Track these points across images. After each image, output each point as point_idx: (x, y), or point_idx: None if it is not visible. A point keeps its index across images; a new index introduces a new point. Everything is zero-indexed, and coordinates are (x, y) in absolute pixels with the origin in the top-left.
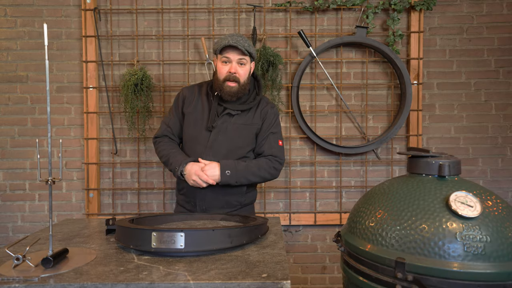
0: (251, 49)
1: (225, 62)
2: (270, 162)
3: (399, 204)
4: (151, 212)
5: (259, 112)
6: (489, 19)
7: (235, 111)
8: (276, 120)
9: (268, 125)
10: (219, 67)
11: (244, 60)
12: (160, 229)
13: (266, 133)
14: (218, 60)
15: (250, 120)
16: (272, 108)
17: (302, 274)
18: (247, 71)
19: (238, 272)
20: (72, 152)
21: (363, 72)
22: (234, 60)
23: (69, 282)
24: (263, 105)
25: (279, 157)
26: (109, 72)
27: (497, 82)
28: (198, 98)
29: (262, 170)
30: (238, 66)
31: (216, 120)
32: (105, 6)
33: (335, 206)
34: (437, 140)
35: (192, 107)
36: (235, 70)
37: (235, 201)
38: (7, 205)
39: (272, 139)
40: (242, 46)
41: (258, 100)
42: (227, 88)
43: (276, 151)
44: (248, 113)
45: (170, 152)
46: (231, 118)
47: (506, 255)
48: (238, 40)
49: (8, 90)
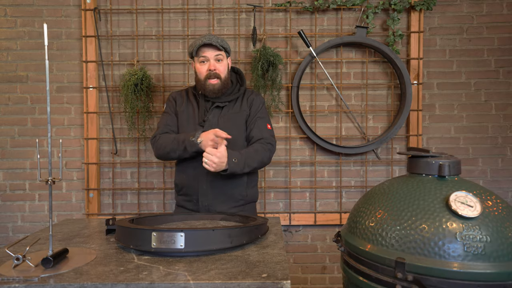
0: (225, 44)
1: (203, 62)
2: (263, 145)
3: (399, 204)
4: (151, 212)
5: (245, 100)
6: (489, 19)
7: (223, 103)
8: (262, 106)
9: (255, 110)
10: (198, 67)
11: (221, 56)
12: (160, 229)
13: (254, 118)
14: (196, 62)
15: (238, 109)
16: (257, 95)
17: (302, 274)
18: (226, 66)
19: (238, 272)
20: (72, 152)
21: (363, 72)
22: (211, 57)
23: (69, 282)
24: (249, 94)
25: (270, 139)
26: (109, 72)
27: (497, 82)
28: (187, 100)
29: (259, 154)
30: (217, 62)
31: (206, 114)
32: (105, 6)
33: (335, 206)
34: (437, 140)
35: (183, 107)
36: (214, 67)
37: (238, 194)
38: (7, 205)
39: (261, 123)
40: (216, 42)
41: (243, 90)
42: (209, 86)
43: (266, 134)
44: (236, 103)
45: (175, 136)
46: (220, 110)
47: (506, 255)
48: (211, 38)
49: (8, 90)
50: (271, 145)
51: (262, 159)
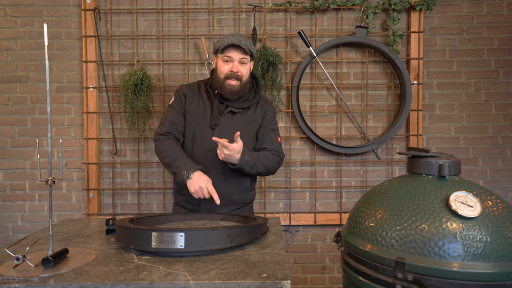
0: (252, 48)
1: (227, 61)
2: (274, 155)
3: (399, 204)
4: (151, 212)
5: (259, 109)
6: (489, 19)
7: (237, 109)
8: (274, 118)
9: (268, 121)
10: (220, 65)
11: (245, 60)
12: (160, 229)
13: (267, 129)
14: (219, 58)
15: (251, 117)
16: (271, 105)
17: (302, 274)
18: (248, 70)
19: (238, 272)
20: (72, 152)
21: (363, 72)
22: (236, 59)
23: (69, 282)
24: (263, 102)
25: (281, 152)
26: (109, 72)
27: (497, 82)
28: (199, 96)
29: (269, 160)
30: (240, 65)
31: (219, 118)
32: (105, 6)
33: (335, 206)
34: (437, 140)
35: (194, 105)
36: (237, 69)
37: (239, 199)
38: (7, 205)
39: (273, 136)
40: (245, 46)
41: (258, 98)
42: (228, 86)
43: (277, 147)
44: (249, 111)
45: (177, 154)
46: (233, 116)
47: (506, 255)
48: (240, 40)
49: (8, 90)
50: (279, 157)
51: (269, 167)
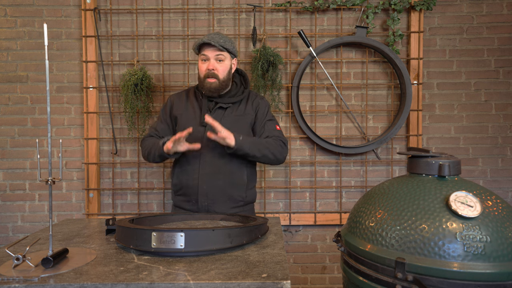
0: (228, 45)
1: (204, 60)
2: (275, 140)
3: (399, 204)
4: (151, 212)
5: (250, 103)
6: (489, 19)
7: (226, 104)
8: (269, 110)
9: (262, 114)
10: (199, 65)
11: (222, 56)
12: (160, 229)
13: (263, 121)
14: (199, 59)
15: (242, 111)
16: (262, 99)
17: (302, 274)
18: (227, 67)
19: (238, 272)
20: (72, 152)
21: (363, 72)
22: (212, 57)
23: (69, 282)
24: (253, 97)
25: (281, 137)
26: (109, 72)
27: (497, 82)
28: (187, 100)
29: (270, 144)
30: (216, 62)
31: (209, 114)
32: (105, 6)
33: (335, 206)
34: (437, 140)
35: (183, 109)
36: (213, 66)
37: (238, 195)
38: (7, 205)
39: (271, 125)
40: (217, 43)
41: (247, 93)
42: (207, 84)
43: (277, 134)
44: (240, 105)
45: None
46: (224, 111)
47: (506, 255)
48: (213, 37)
49: (8, 90)
50: (282, 142)
51: (273, 151)
